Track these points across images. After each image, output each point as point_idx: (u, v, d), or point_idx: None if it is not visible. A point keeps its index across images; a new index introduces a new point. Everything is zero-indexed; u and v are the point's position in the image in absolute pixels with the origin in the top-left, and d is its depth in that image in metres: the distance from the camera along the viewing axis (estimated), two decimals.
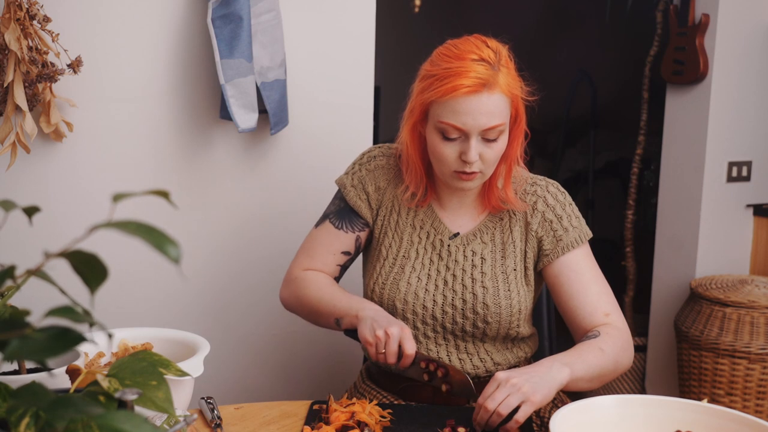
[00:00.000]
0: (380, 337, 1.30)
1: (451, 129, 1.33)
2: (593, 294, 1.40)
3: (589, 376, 1.29)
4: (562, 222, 1.42)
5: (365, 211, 1.51)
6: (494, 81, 1.31)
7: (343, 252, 1.53)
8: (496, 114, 1.32)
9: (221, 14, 1.77)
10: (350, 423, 1.21)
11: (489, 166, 1.37)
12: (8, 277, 0.60)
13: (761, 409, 2.51)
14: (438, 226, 1.47)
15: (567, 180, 4.31)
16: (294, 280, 1.53)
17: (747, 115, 2.78)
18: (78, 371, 1.04)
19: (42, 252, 0.59)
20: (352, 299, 1.43)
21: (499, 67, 1.32)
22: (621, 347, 1.35)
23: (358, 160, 1.54)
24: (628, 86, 3.67)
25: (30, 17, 1.66)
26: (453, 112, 1.32)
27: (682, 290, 2.85)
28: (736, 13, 2.69)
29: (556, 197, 1.45)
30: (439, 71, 1.33)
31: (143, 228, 0.56)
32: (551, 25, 4.65)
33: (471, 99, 1.30)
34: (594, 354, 1.31)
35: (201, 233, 2.00)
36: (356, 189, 1.51)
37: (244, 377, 2.10)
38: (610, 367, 1.33)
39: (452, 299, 1.43)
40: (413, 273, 1.45)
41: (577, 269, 1.42)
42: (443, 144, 1.35)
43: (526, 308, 1.44)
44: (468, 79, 1.30)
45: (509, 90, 1.34)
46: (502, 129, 1.34)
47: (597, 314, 1.39)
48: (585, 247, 1.44)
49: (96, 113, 1.86)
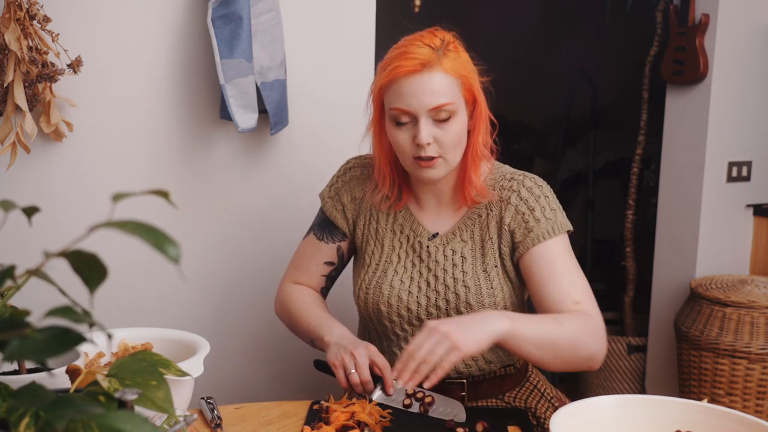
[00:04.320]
0: (345, 359, 1.31)
1: (399, 113, 1.34)
2: (564, 283, 1.36)
3: (537, 341, 1.25)
4: (534, 213, 1.40)
5: (341, 222, 1.54)
6: (435, 61, 1.32)
7: (326, 262, 1.56)
8: (440, 93, 1.32)
9: (221, 14, 1.77)
10: (350, 423, 1.21)
11: (448, 150, 1.36)
12: (8, 277, 0.60)
13: (761, 409, 2.51)
14: (417, 228, 1.48)
15: (567, 180, 4.30)
16: (281, 294, 1.59)
17: (747, 115, 2.78)
18: (78, 371, 1.04)
19: (42, 252, 0.59)
20: (324, 322, 1.44)
21: (445, 51, 1.34)
22: (585, 329, 1.30)
23: (337, 173, 1.58)
24: (628, 86, 3.67)
25: (30, 17, 1.66)
26: (398, 95, 1.34)
27: (682, 290, 2.85)
28: (736, 13, 2.69)
29: (531, 190, 1.42)
30: (385, 61, 1.37)
31: (143, 228, 0.56)
32: (551, 25, 4.64)
33: (412, 79, 1.32)
34: (548, 323, 1.28)
35: (201, 233, 2.00)
36: (333, 200, 1.55)
37: (244, 377, 2.10)
38: (567, 342, 1.28)
39: (435, 300, 1.43)
40: (395, 276, 1.46)
41: (549, 259, 1.38)
42: (397, 131, 1.36)
43: (513, 304, 1.44)
44: (407, 60, 1.32)
45: (455, 70, 1.34)
46: (452, 109, 1.34)
47: (566, 301, 1.34)
48: (560, 239, 1.40)
49: (96, 113, 1.86)
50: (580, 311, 1.33)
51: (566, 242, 1.42)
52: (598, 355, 1.32)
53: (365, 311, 1.50)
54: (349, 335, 1.40)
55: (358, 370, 1.30)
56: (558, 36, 4.57)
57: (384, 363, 1.32)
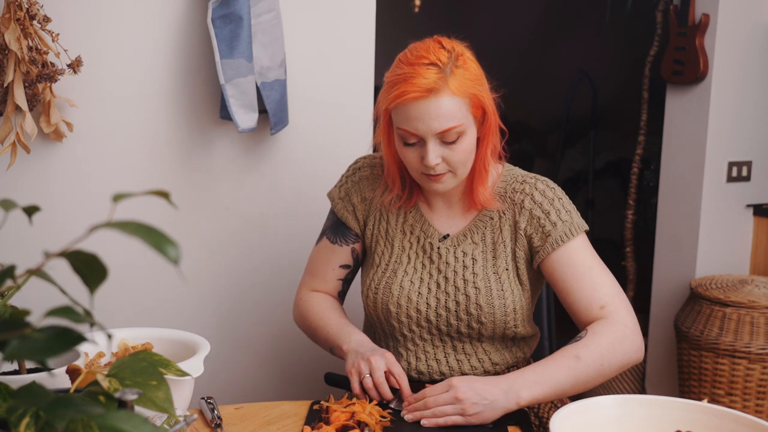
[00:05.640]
0: (361, 365, 1.33)
1: (407, 134, 1.34)
2: (588, 287, 1.37)
3: (558, 392, 1.28)
4: (549, 217, 1.40)
5: (353, 223, 1.53)
6: (442, 85, 1.30)
7: (342, 266, 1.55)
8: (448, 117, 1.31)
9: (221, 14, 1.77)
10: (350, 423, 1.21)
11: (457, 166, 1.36)
12: (8, 277, 0.60)
13: (761, 409, 2.51)
14: (427, 229, 1.47)
15: (567, 180, 4.30)
16: (299, 303, 1.58)
17: (747, 115, 2.78)
18: (78, 371, 1.04)
19: (42, 252, 0.59)
20: (342, 329, 1.44)
21: (452, 69, 1.31)
22: (611, 346, 1.31)
23: (345, 173, 1.57)
24: (628, 86, 3.67)
25: (30, 17, 1.66)
26: (405, 118, 1.32)
27: (682, 290, 2.85)
28: (736, 13, 2.69)
29: (544, 194, 1.42)
30: (392, 78, 1.34)
31: (143, 228, 0.56)
32: (551, 25, 4.65)
33: (419, 104, 1.30)
34: (567, 364, 1.29)
35: (200, 233, 2.00)
36: (343, 201, 1.54)
37: (244, 377, 2.10)
38: (591, 373, 1.29)
39: (445, 301, 1.43)
40: (405, 277, 1.45)
41: (570, 263, 1.39)
42: (405, 149, 1.36)
43: (522, 308, 1.43)
44: (413, 86, 1.29)
45: (463, 90, 1.31)
46: (461, 130, 1.33)
47: (593, 308, 1.36)
48: (578, 240, 1.40)
49: (96, 113, 1.86)
50: (605, 320, 1.34)
51: (585, 241, 1.42)
52: (632, 360, 1.34)
53: (374, 311, 1.49)
54: (367, 342, 1.40)
55: (373, 375, 1.31)
56: (558, 36, 4.57)
57: (400, 372, 1.33)
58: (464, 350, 1.45)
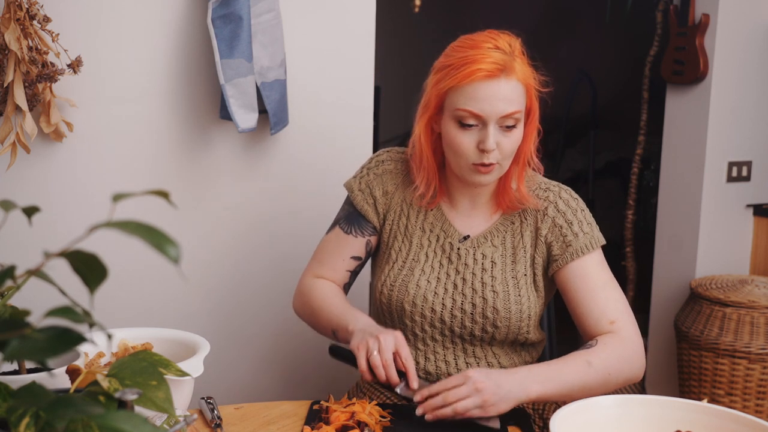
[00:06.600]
0: (369, 342, 1.28)
1: (468, 116, 1.32)
2: (600, 301, 1.38)
3: (565, 393, 1.28)
4: (572, 227, 1.40)
5: (372, 216, 1.50)
6: (511, 67, 1.32)
7: (353, 257, 1.51)
8: (513, 100, 1.32)
9: (221, 14, 1.77)
10: (350, 423, 1.21)
11: (506, 157, 1.36)
12: (8, 277, 0.60)
13: (761, 409, 2.51)
14: (448, 229, 1.46)
15: (567, 180, 4.30)
16: (302, 287, 1.54)
17: (747, 115, 2.78)
18: (78, 371, 1.04)
19: (42, 252, 0.59)
20: (348, 312, 1.41)
21: (514, 56, 1.33)
22: (618, 361, 1.32)
23: (367, 164, 1.53)
24: (628, 86, 3.67)
25: (30, 17, 1.66)
26: (471, 98, 1.31)
27: (682, 290, 2.85)
28: (736, 13, 2.69)
29: (568, 203, 1.43)
30: (454, 60, 1.33)
31: (143, 228, 0.56)
32: (551, 25, 4.65)
33: (489, 84, 1.30)
34: (578, 368, 1.29)
35: (201, 233, 2.00)
36: (363, 193, 1.50)
37: (244, 377, 2.10)
38: (598, 381, 1.30)
39: (461, 303, 1.41)
40: (422, 276, 1.43)
41: (586, 275, 1.39)
42: (461, 133, 1.34)
43: (536, 314, 1.43)
44: (486, 64, 1.30)
45: (525, 78, 1.34)
46: (519, 117, 1.34)
47: (602, 322, 1.36)
48: (596, 254, 1.41)
49: (96, 113, 1.86)
50: (615, 335, 1.35)
51: (601, 257, 1.43)
52: (634, 377, 1.35)
53: (387, 308, 1.46)
54: (375, 325, 1.36)
55: (381, 355, 1.26)
56: (558, 36, 4.57)
57: (408, 354, 1.29)
58: (474, 353, 1.44)
